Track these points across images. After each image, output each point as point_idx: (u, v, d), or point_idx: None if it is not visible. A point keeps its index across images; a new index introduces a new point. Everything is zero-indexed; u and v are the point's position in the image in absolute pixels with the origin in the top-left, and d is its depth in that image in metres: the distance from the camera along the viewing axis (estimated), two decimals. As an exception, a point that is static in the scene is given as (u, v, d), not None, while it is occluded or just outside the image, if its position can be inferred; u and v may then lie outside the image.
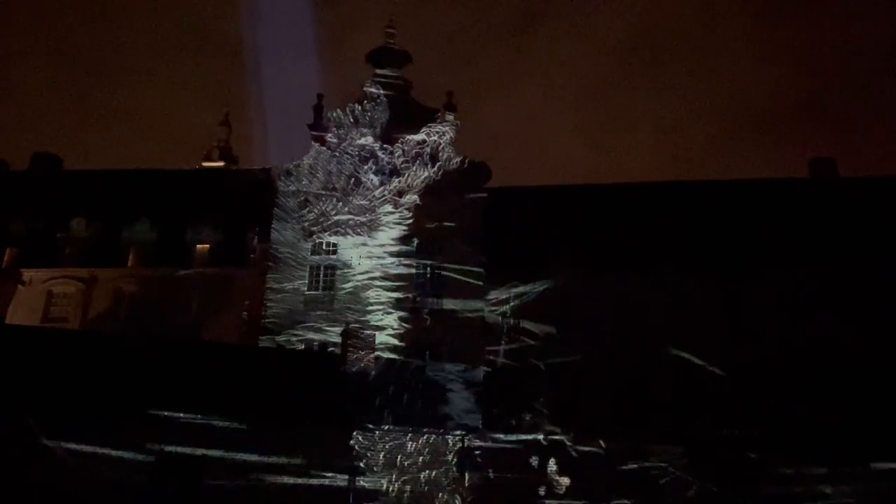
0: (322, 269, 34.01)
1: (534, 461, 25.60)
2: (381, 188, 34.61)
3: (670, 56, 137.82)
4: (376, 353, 25.86)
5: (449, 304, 32.51)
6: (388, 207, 34.39)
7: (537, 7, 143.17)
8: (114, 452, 19.82)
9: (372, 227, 34.10)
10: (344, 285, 33.18)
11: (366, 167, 35.01)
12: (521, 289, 32.68)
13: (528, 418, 26.86)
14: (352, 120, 35.86)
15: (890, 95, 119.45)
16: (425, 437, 22.77)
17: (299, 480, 20.89)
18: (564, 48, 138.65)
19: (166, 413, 20.52)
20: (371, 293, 32.85)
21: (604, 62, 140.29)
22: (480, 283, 32.80)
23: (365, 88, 36.69)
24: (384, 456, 23.07)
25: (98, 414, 20.29)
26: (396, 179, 34.68)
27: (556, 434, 25.87)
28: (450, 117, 35.90)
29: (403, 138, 35.17)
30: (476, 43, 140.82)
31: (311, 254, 34.12)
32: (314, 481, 20.99)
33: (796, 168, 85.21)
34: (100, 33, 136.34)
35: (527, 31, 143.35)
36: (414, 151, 35.05)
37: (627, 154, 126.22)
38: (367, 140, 35.32)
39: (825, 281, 31.85)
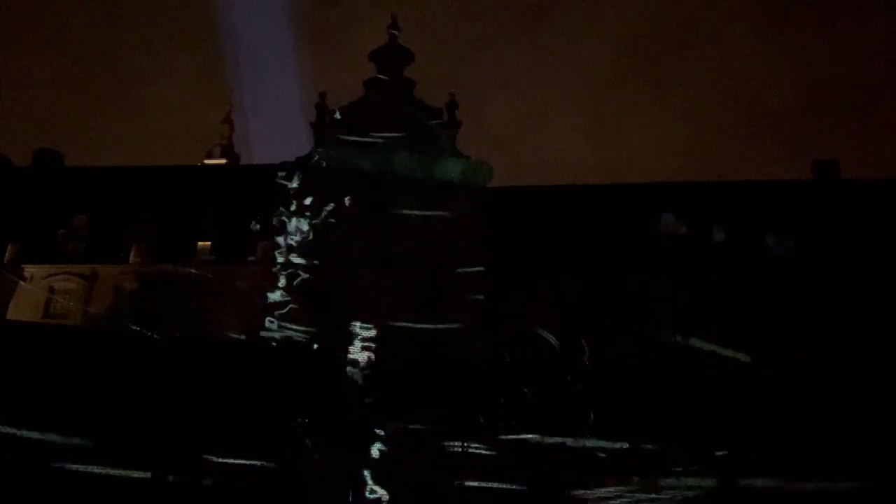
0: (323, 266, 33.99)
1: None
2: (383, 186, 34.56)
3: (674, 57, 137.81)
4: (376, 352, 25.86)
5: (449, 302, 32.49)
6: (389, 206, 34.33)
7: (542, 6, 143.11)
8: (111, 450, 19.81)
9: (373, 224, 34.05)
10: (345, 283, 33.14)
11: (367, 165, 34.98)
12: None
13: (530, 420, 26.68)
14: (354, 118, 35.86)
15: (893, 97, 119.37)
16: (426, 439, 22.72)
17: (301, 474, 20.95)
18: (569, 47, 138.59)
19: (166, 412, 20.51)
20: (371, 292, 32.79)
21: (608, 62, 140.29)
22: (481, 282, 32.78)
23: (367, 87, 36.71)
24: (384, 456, 23.02)
25: (97, 412, 20.27)
26: (398, 178, 34.62)
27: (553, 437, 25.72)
28: (452, 116, 35.86)
29: (405, 138, 35.13)
30: (480, 41, 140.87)
31: (313, 251, 34.12)
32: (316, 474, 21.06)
33: (799, 169, 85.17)
34: (103, 30, 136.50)
35: (531, 30, 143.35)
36: (416, 150, 35.01)
37: (631, 154, 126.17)
38: (369, 139, 35.30)
39: (828, 282, 31.85)
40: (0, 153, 43.20)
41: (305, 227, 34.40)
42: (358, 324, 29.28)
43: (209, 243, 36.07)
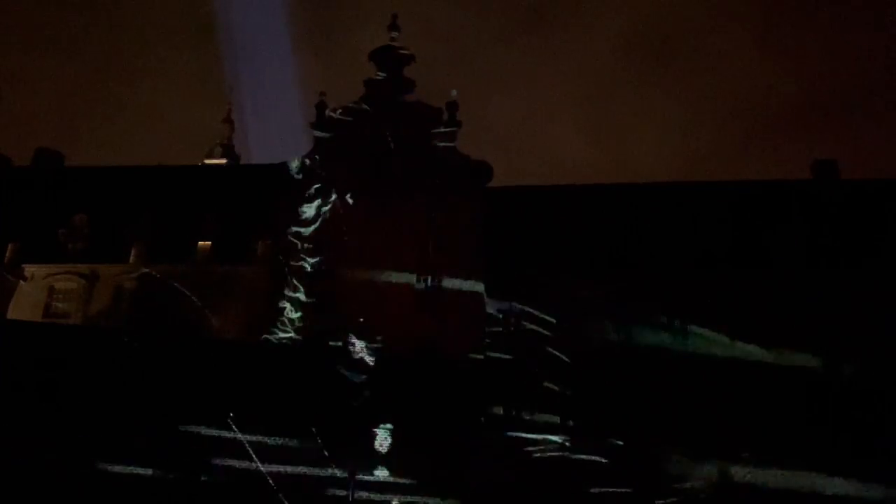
0: (323, 266, 34.01)
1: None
2: (382, 186, 34.58)
3: (674, 57, 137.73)
4: (377, 350, 25.91)
5: (449, 303, 32.52)
6: (389, 206, 34.36)
7: (542, 6, 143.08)
8: (111, 448, 19.86)
9: (373, 224, 34.07)
10: (344, 283, 33.17)
11: (367, 166, 35.00)
12: None
13: (526, 415, 26.79)
14: (353, 119, 35.90)
15: (892, 97, 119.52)
16: (426, 436, 22.77)
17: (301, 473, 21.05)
18: (569, 47, 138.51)
19: (166, 411, 20.56)
20: (371, 291, 32.83)
21: (608, 62, 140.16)
22: (481, 282, 32.83)
23: (367, 87, 36.75)
24: (384, 454, 23.08)
25: (96, 411, 20.33)
26: (397, 179, 34.65)
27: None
28: (452, 116, 35.89)
29: (405, 137, 35.15)
30: (480, 42, 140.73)
31: (313, 252, 34.15)
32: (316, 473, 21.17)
33: (798, 169, 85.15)
34: (102, 30, 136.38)
35: (531, 31, 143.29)
36: (415, 151, 35.04)
37: (631, 154, 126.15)
38: (369, 139, 35.33)
39: (827, 282, 31.89)
40: (0, 153, 43.29)
41: (306, 227, 34.45)
42: (358, 324, 29.35)
43: (209, 243, 36.07)
